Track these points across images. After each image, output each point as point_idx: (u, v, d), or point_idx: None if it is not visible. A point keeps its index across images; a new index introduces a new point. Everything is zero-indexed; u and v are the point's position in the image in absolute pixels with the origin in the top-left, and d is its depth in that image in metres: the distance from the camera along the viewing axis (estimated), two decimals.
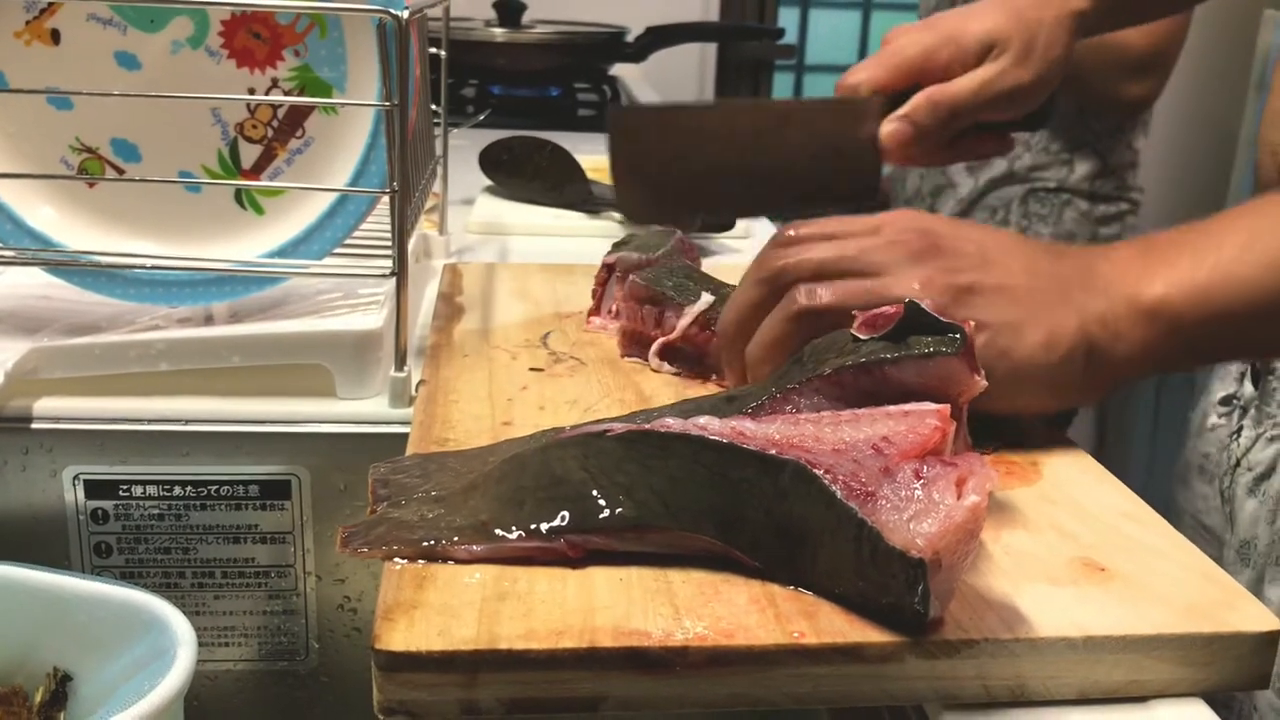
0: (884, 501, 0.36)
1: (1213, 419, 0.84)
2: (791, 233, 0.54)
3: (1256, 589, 0.76)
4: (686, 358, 0.60)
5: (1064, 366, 0.50)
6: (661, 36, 1.63)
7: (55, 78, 0.58)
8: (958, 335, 0.44)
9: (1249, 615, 0.39)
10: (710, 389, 0.58)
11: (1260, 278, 0.49)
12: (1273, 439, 0.76)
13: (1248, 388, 0.80)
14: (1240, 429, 0.79)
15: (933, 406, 0.40)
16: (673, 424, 0.41)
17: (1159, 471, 2.04)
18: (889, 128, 0.72)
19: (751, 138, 0.66)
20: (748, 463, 0.39)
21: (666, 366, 0.60)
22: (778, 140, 0.66)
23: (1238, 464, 0.79)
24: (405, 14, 0.55)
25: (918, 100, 0.72)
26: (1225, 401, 0.83)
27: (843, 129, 0.67)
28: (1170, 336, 0.50)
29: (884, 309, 0.46)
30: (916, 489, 0.36)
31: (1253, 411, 0.79)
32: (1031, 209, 1.51)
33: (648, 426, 0.42)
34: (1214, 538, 0.84)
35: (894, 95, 0.72)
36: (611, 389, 0.59)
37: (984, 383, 0.44)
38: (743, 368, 0.54)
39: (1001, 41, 0.72)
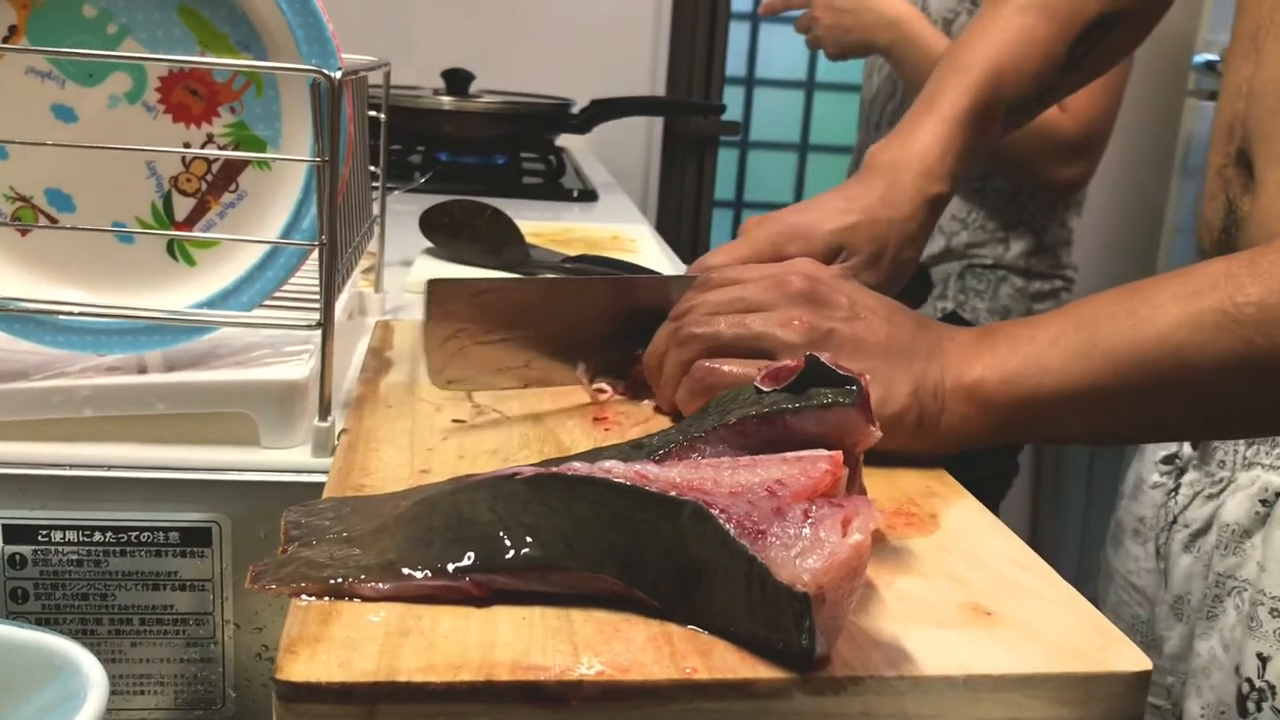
0: (774, 539, 0.37)
1: (1155, 477, 0.87)
2: (711, 275, 0.64)
3: (1187, 644, 0.78)
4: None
5: (894, 422, 0.56)
6: (606, 109, 1.67)
7: None
8: (854, 387, 0.46)
9: (1123, 657, 0.41)
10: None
11: (1060, 369, 0.54)
12: (1210, 497, 0.78)
13: (1187, 448, 0.83)
14: (1178, 487, 0.82)
15: (825, 453, 0.42)
16: (579, 467, 0.43)
17: (1092, 537, 2.08)
18: None
19: (589, 306, 0.65)
20: (649, 504, 0.41)
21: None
22: (616, 308, 0.65)
23: (1174, 521, 0.81)
24: (338, 74, 0.57)
25: None
26: (1167, 460, 0.86)
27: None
28: (985, 415, 0.56)
29: (786, 363, 0.48)
30: (805, 528, 0.37)
31: (1191, 471, 0.81)
32: (968, 284, 1.55)
33: (554, 470, 0.43)
34: (1144, 598, 0.86)
35: None
36: (531, 440, 0.60)
37: (879, 433, 0.46)
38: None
39: (850, 245, 0.74)
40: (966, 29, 0.84)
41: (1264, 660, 0.70)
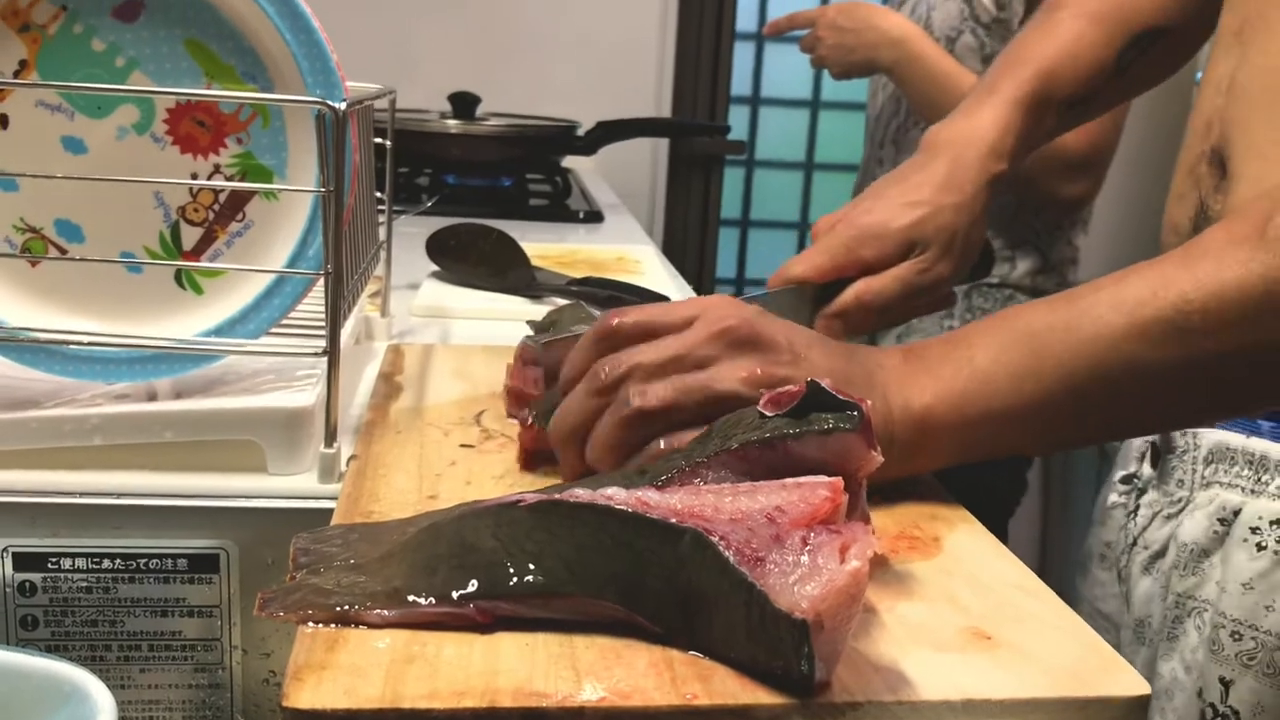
0: (772, 566, 0.38)
1: (1113, 498, 0.87)
2: (614, 323, 0.57)
3: (1151, 667, 0.77)
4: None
5: None
6: (611, 131, 1.68)
7: (2, 160, 0.60)
8: (856, 412, 0.46)
9: (1122, 681, 0.41)
10: None
11: (1010, 389, 0.54)
12: (1168, 518, 0.78)
13: (1146, 469, 0.83)
14: (1137, 508, 0.82)
15: (825, 479, 0.42)
16: (581, 494, 0.43)
17: None
18: (822, 324, 0.75)
19: None
20: (650, 531, 0.41)
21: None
22: None
23: (1134, 543, 0.81)
24: (343, 105, 0.58)
25: (847, 299, 0.75)
26: (1126, 480, 0.86)
27: (790, 317, 0.65)
28: (936, 439, 0.56)
29: (788, 388, 0.49)
30: (803, 555, 0.38)
31: (1150, 491, 0.81)
32: (975, 303, 1.55)
33: (557, 497, 0.44)
34: (1110, 624, 0.86)
35: (827, 284, 0.75)
36: (539, 465, 0.60)
37: (880, 458, 0.47)
38: (580, 467, 0.56)
39: (922, 241, 0.75)
40: (1021, 32, 0.87)
41: (1227, 685, 0.70)
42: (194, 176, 0.61)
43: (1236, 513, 0.72)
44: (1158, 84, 0.91)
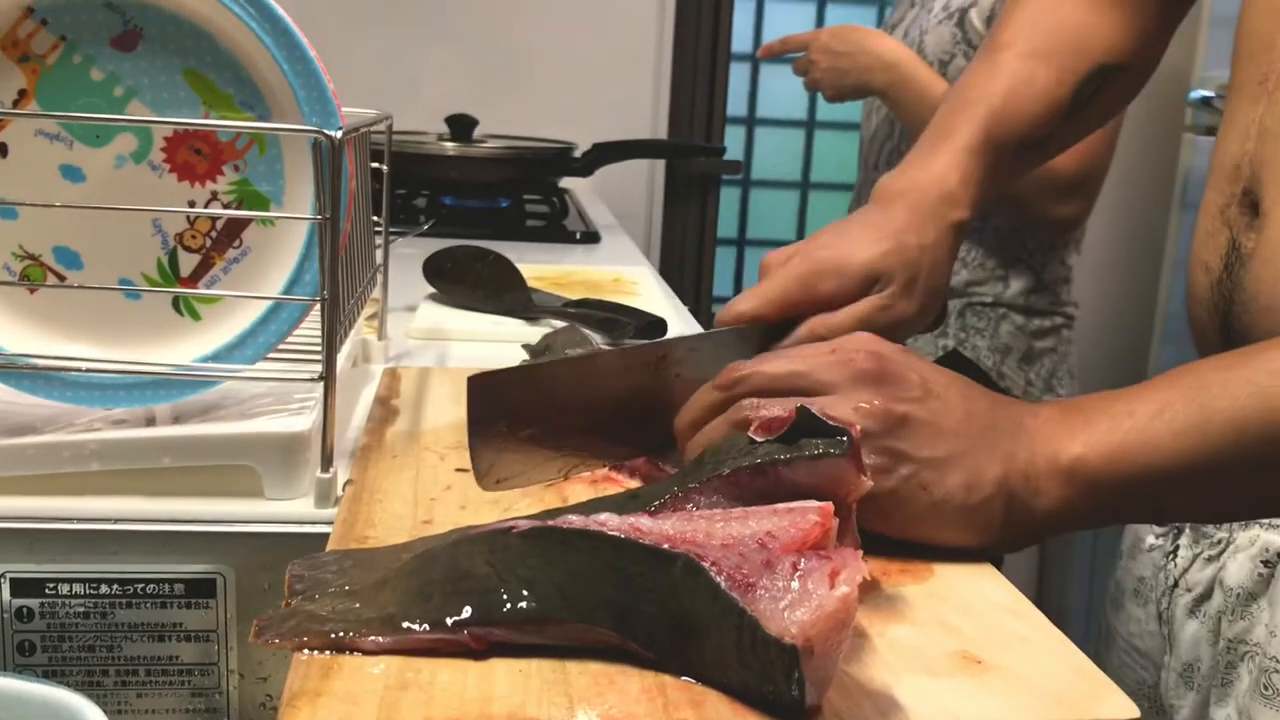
0: (763, 592, 0.38)
1: (1150, 540, 0.85)
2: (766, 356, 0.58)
3: (1202, 712, 0.76)
4: None
5: (982, 510, 0.52)
6: (607, 152, 1.69)
7: (1, 189, 0.60)
8: (845, 438, 0.47)
9: (1110, 704, 0.41)
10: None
11: (1170, 445, 0.51)
12: (1210, 559, 0.76)
13: None
14: (1176, 549, 0.80)
15: (815, 504, 0.43)
16: (574, 520, 0.44)
17: (1099, 599, 2.06)
18: None
19: (626, 380, 0.62)
20: (642, 557, 0.42)
21: None
22: (655, 380, 0.63)
23: (1175, 585, 0.79)
24: (339, 134, 0.58)
25: (800, 334, 0.69)
26: None
27: (724, 360, 0.62)
28: (1086, 496, 0.53)
29: (778, 414, 0.49)
30: (793, 580, 0.38)
31: (1189, 531, 0.79)
32: (969, 322, 1.55)
33: (550, 523, 0.44)
34: (1148, 661, 0.84)
35: (777, 324, 0.70)
36: (533, 490, 0.61)
37: (869, 482, 0.47)
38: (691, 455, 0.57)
39: (885, 275, 0.70)
40: (966, 71, 0.84)
41: None
42: (191, 204, 0.62)
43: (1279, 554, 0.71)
44: (1110, 119, 0.89)
